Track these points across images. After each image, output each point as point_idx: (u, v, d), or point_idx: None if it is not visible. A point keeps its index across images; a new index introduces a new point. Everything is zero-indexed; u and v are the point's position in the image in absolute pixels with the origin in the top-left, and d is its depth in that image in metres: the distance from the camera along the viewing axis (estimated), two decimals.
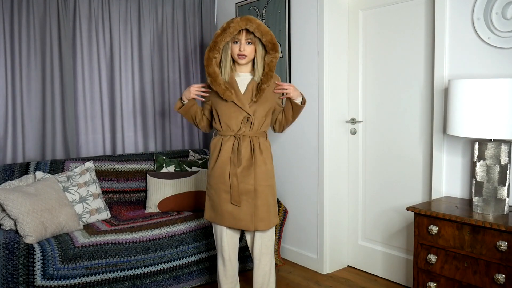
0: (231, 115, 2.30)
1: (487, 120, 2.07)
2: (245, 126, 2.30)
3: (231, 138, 2.32)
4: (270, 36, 2.25)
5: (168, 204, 3.21)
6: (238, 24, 2.21)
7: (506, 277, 2.00)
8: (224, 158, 2.30)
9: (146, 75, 3.72)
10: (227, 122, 2.32)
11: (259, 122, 2.33)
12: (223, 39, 2.24)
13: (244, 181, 2.28)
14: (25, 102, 3.19)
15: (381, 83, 3.06)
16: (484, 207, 2.18)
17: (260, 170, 2.30)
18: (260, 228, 2.31)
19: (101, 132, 3.53)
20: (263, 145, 2.34)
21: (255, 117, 2.30)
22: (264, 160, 2.32)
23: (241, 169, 2.28)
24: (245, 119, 2.29)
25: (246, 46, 2.26)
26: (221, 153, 2.31)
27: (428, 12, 2.75)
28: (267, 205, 2.32)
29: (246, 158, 2.29)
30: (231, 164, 2.29)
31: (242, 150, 2.29)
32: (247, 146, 2.30)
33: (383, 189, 3.10)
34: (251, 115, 2.29)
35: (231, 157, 2.29)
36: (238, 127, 2.31)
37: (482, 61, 2.40)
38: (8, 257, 2.33)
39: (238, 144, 2.29)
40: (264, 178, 2.31)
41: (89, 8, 3.44)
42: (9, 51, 3.12)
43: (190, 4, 3.95)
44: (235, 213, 2.30)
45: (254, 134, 2.32)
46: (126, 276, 2.64)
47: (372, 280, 3.11)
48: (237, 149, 2.29)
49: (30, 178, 2.85)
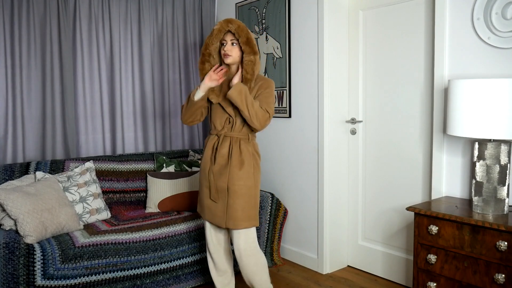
0: (217, 115, 2.42)
1: (487, 120, 2.07)
2: (227, 127, 2.39)
3: (215, 137, 2.43)
4: (245, 35, 2.30)
5: (168, 204, 3.21)
6: (221, 25, 2.32)
7: (506, 277, 2.00)
8: (206, 155, 2.43)
9: (146, 75, 3.73)
10: (213, 121, 2.44)
11: (240, 123, 2.38)
12: (211, 42, 2.36)
13: (220, 179, 2.37)
14: (25, 102, 3.19)
15: (381, 83, 3.06)
16: (484, 207, 2.18)
17: (234, 170, 2.34)
18: (230, 227, 2.36)
19: (101, 132, 3.53)
20: (243, 146, 2.38)
21: (237, 118, 2.36)
22: (241, 161, 2.35)
23: (218, 167, 2.38)
24: (227, 120, 2.39)
25: (231, 47, 2.33)
26: (205, 150, 2.45)
27: (428, 12, 2.75)
28: (241, 205, 2.34)
29: (224, 158, 2.37)
30: (210, 162, 2.41)
31: (221, 149, 2.37)
32: (226, 146, 2.38)
33: (383, 189, 3.10)
34: (232, 116, 2.36)
35: (211, 155, 2.41)
36: (221, 126, 2.41)
37: (482, 61, 2.40)
38: (8, 257, 2.34)
39: (217, 143, 2.40)
40: (238, 178, 2.34)
41: (89, 8, 3.44)
42: (9, 51, 3.12)
43: (190, 4, 3.95)
44: (212, 208, 2.42)
45: (236, 135, 2.39)
46: (126, 276, 2.64)
47: (372, 280, 3.11)
48: (215, 148, 2.39)
49: (30, 178, 2.85)
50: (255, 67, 2.33)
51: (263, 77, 2.43)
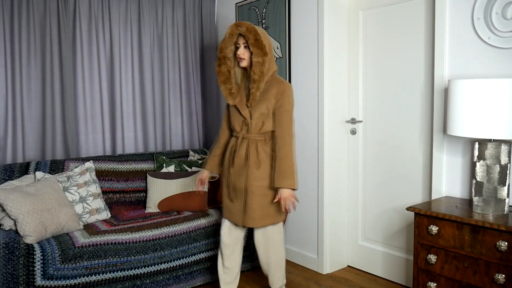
0: (235, 117, 2.51)
1: (487, 120, 2.07)
2: (243, 129, 2.48)
3: (234, 138, 2.53)
4: (254, 36, 2.33)
5: (168, 204, 3.21)
6: (232, 29, 2.40)
7: (506, 277, 2.00)
8: (227, 156, 2.55)
9: (146, 75, 3.72)
10: (232, 123, 2.54)
11: (256, 125, 2.44)
12: (225, 46, 2.43)
13: (238, 180, 2.47)
14: (25, 102, 3.19)
15: (381, 83, 3.06)
16: (484, 207, 2.18)
17: (252, 171, 2.43)
18: (247, 225, 2.48)
19: (101, 132, 3.53)
20: (260, 148, 2.45)
21: (252, 120, 2.43)
22: (258, 163, 2.43)
23: (236, 168, 2.48)
24: (243, 122, 2.47)
25: (243, 50, 2.40)
26: (226, 152, 2.57)
27: (428, 12, 2.75)
28: (259, 204, 2.44)
29: (241, 159, 2.46)
30: (229, 162, 2.51)
31: (239, 150, 2.47)
32: (243, 148, 2.47)
33: (383, 189, 3.10)
34: (247, 119, 2.44)
35: (229, 156, 2.52)
36: (239, 128, 2.50)
37: (482, 61, 2.40)
38: (8, 257, 2.33)
39: (236, 145, 2.50)
40: (255, 179, 2.43)
41: (89, 8, 3.44)
42: (9, 51, 3.12)
43: (190, 4, 3.95)
44: (230, 207, 2.53)
45: (253, 136, 2.46)
46: (126, 276, 2.64)
47: (372, 280, 3.11)
48: (234, 150, 2.49)
49: (30, 178, 2.85)
50: (263, 68, 2.35)
51: (280, 80, 2.46)
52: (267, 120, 2.43)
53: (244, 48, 2.40)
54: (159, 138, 3.84)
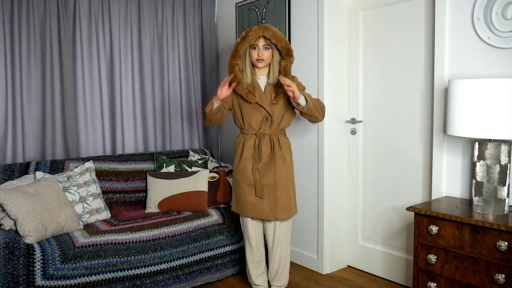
0: (252, 115, 2.57)
1: (487, 120, 2.07)
2: (264, 125, 2.57)
3: (253, 136, 2.59)
4: (285, 42, 2.54)
5: (168, 204, 3.21)
6: (256, 32, 2.51)
7: (506, 277, 2.00)
8: (247, 154, 2.58)
9: (146, 75, 3.72)
10: (249, 121, 2.59)
11: (277, 121, 2.59)
12: (243, 46, 2.54)
13: (266, 175, 2.55)
14: (25, 102, 3.19)
15: (381, 83, 3.06)
16: (484, 207, 2.18)
17: (279, 165, 2.56)
18: (280, 218, 2.57)
19: (101, 132, 3.53)
20: (282, 142, 2.60)
21: (274, 117, 2.57)
22: (283, 156, 2.58)
23: (262, 164, 2.56)
24: (264, 119, 2.57)
25: (264, 51, 2.54)
26: (244, 150, 2.59)
27: (428, 12, 2.75)
28: (287, 197, 2.58)
29: (267, 154, 2.56)
30: (253, 160, 2.56)
31: (263, 147, 2.56)
32: (267, 144, 2.57)
33: (383, 189, 3.10)
34: (271, 115, 2.56)
35: (253, 154, 2.57)
36: (258, 126, 2.58)
37: (482, 61, 2.40)
38: (8, 257, 2.33)
39: (259, 142, 2.57)
40: (284, 172, 2.57)
41: (89, 8, 3.44)
42: (9, 51, 3.12)
43: (190, 4, 3.95)
44: (258, 204, 2.58)
45: (273, 132, 2.59)
46: (126, 276, 2.64)
47: (372, 280, 3.11)
48: (258, 146, 2.56)
49: (30, 178, 2.85)
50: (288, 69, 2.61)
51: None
52: (286, 114, 2.61)
53: (265, 50, 2.55)
54: (159, 138, 3.84)
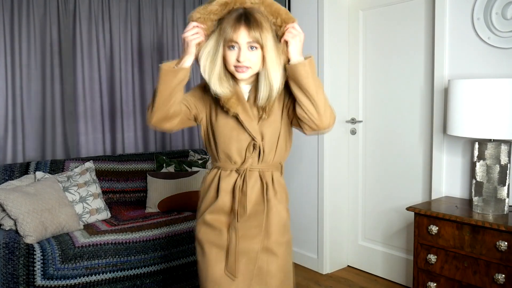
0: (231, 138, 1.58)
1: (487, 120, 2.07)
2: (251, 156, 1.58)
3: (233, 174, 1.60)
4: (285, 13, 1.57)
5: (168, 204, 3.21)
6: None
7: (506, 277, 2.00)
8: (221, 203, 1.59)
9: (146, 75, 3.72)
10: (225, 149, 1.59)
11: (271, 148, 1.59)
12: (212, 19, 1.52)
13: (248, 236, 1.57)
14: (25, 102, 3.18)
15: (381, 83, 3.06)
16: (484, 207, 2.18)
17: (275, 220, 1.59)
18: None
19: (101, 132, 3.53)
20: (277, 183, 1.63)
21: (265, 142, 1.58)
22: (278, 205, 1.61)
23: (246, 223, 1.58)
24: (250, 146, 1.57)
25: (248, 54, 1.48)
26: (220, 195, 1.59)
27: (428, 12, 2.75)
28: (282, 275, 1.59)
29: (254, 203, 1.59)
30: (231, 214, 1.59)
31: (249, 191, 1.58)
32: (255, 185, 1.59)
33: (383, 189, 3.10)
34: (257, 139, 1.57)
35: (231, 203, 1.59)
36: (242, 157, 1.59)
37: (482, 61, 2.40)
38: (8, 257, 2.33)
39: (242, 183, 1.58)
40: (281, 231, 1.61)
41: (89, 8, 3.43)
42: (9, 51, 3.11)
43: (190, 4, 3.95)
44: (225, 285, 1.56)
45: (266, 167, 1.61)
46: (126, 276, 2.64)
47: (372, 280, 3.11)
48: (241, 191, 1.58)
49: (30, 178, 2.85)
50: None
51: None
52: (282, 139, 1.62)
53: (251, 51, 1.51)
54: (159, 138, 3.84)
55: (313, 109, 1.52)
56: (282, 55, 1.55)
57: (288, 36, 1.55)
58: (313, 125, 1.53)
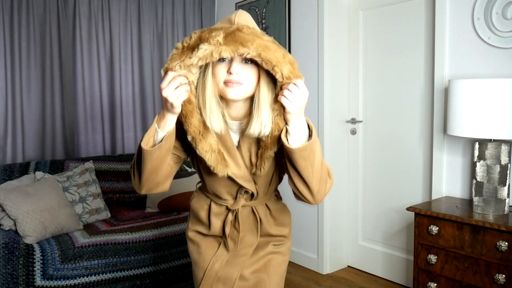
0: (220, 182, 1.42)
1: (487, 120, 2.07)
2: (244, 197, 1.45)
3: (223, 209, 1.47)
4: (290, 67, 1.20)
5: (168, 204, 3.20)
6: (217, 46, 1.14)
7: (506, 277, 2.00)
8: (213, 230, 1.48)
9: (146, 75, 3.72)
10: (213, 190, 1.45)
11: (265, 185, 1.45)
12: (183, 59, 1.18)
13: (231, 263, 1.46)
14: (25, 102, 3.19)
15: (381, 83, 3.06)
16: (484, 207, 2.18)
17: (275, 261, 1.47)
18: None
19: (101, 132, 3.53)
20: (275, 210, 1.51)
21: (259, 186, 1.43)
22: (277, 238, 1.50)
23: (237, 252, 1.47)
24: (242, 189, 1.43)
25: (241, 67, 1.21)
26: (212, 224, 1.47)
27: (428, 12, 2.75)
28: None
29: (248, 243, 1.47)
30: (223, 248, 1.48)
31: (241, 226, 1.46)
32: (247, 220, 1.47)
33: (383, 189, 3.10)
34: (250, 188, 1.41)
35: (221, 237, 1.48)
36: (233, 197, 1.45)
37: (482, 61, 2.40)
38: (8, 257, 2.33)
39: (234, 219, 1.46)
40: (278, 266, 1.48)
41: (89, 8, 3.43)
42: (9, 51, 3.11)
43: (190, 4, 3.95)
44: None
45: (260, 201, 1.48)
46: (126, 276, 2.64)
47: (372, 280, 3.11)
48: (233, 226, 1.46)
49: (30, 178, 2.85)
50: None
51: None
52: (277, 171, 1.44)
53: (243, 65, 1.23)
54: None
55: (306, 191, 1.30)
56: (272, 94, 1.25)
57: (284, 101, 1.20)
58: (304, 201, 1.34)
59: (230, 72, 1.19)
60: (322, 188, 1.31)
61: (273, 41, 1.20)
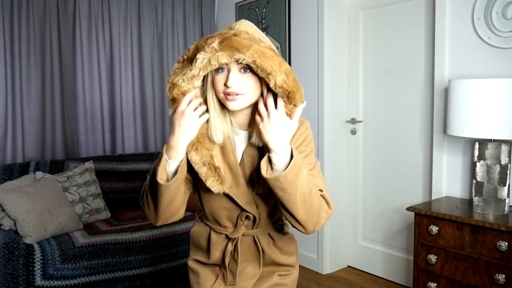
0: (220, 205, 1.33)
1: (487, 120, 2.07)
2: (244, 224, 1.35)
3: (222, 237, 1.38)
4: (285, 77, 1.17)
5: None
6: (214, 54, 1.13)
7: (506, 277, 2.00)
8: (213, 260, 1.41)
9: (146, 75, 3.72)
10: (213, 214, 1.37)
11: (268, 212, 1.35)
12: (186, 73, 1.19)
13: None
14: (25, 102, 3.19)
15: (381, 83, 3.06)
16: (484, 207, 2.18)
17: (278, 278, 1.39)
18: None
19: (101, 132, 3.53)
20: (279, 240, 1.40)
21: (261, 210, 1.33)
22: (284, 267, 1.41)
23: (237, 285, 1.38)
24: (243, 215, 1.33)
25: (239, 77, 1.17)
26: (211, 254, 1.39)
27: (428, 12, 2.75)
28: None
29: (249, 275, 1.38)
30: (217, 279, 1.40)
31: (241, 257, 1.36)
32: (248, 251, 1.38)
33: (383, 189, 3.10)
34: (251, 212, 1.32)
35: (220, 267, 1.40)
36: (233, 223, 1.36)
37: (482, 61, 2.40)
38: (8, 257, 2.33)
39: (234, 249, 1.36)
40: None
41: (89, 8, 3.43)
42: (9, 51, 3.12)
43: (190, 4, 3.95)
44: None
45: (262, 230, 1.38)
46: (126, 276, 2.64)
47: (372, 280, 3.11)
48: (232, 258, 1.37)
49: (30, 178, 2.85)
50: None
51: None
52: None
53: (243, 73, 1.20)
54: (159, 138, 3.84)
55: (293, 220, 1.21)
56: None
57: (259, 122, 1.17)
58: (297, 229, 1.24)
59: (226, 85, 1.16)
60: (313, 220, 1.20)
61: (271, 48, 1.17)
